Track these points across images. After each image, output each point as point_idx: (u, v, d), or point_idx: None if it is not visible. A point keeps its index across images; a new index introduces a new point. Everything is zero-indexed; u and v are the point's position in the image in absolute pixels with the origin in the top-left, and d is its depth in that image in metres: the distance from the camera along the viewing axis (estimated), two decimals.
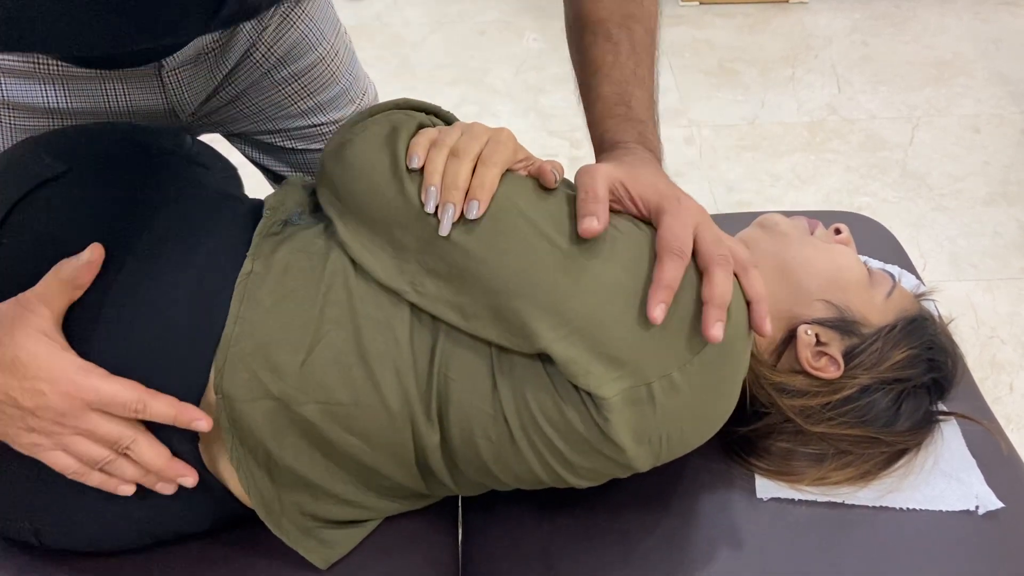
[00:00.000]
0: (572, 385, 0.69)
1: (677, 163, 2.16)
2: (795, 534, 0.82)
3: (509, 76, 2.48)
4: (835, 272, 0.84)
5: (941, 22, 2.65)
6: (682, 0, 2.71)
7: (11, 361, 0.67)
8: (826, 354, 0.81)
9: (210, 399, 0.73)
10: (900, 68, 2.49)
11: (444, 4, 2.77)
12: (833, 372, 0.81)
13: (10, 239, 0.75)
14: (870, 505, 0.83)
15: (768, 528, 0.83)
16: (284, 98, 1.05)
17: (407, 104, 0.80)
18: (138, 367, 0.71)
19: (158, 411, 0.70)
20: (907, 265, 1.10)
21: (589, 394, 0.69)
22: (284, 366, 0.72)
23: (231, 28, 0.94)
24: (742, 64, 2.50)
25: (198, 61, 0.94)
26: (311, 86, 1.05)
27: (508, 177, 0.72)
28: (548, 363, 0.70)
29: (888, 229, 1.17)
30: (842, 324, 0.82)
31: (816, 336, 0.81)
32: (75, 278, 0.71)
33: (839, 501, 0.83)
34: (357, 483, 0.77)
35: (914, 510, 0.83)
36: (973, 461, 0.86)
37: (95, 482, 0.71)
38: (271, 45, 0.99)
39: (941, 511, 0.83)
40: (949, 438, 0.87)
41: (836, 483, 0.84)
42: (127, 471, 0.71)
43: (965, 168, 2.17)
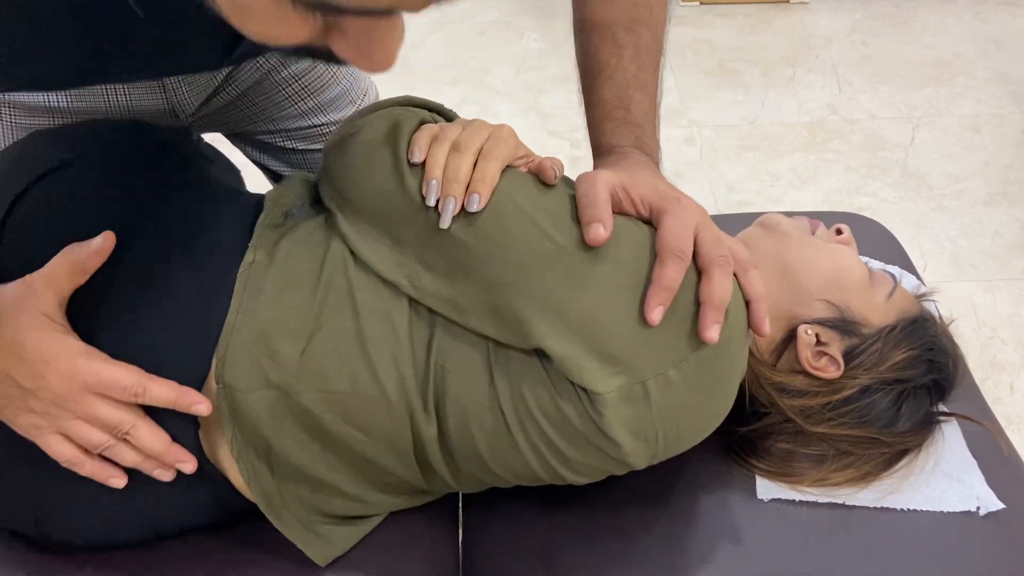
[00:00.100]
0: (568, 380, 0.69)
1: (678, 163, 2.16)
2: (796, 535, 0.82)
3: (509, 76, 2.48)
4: (836, 272, 0.84)
5: (941, 22, 2.65)
6: (683, 0, 2.71)
7: (12, 341, 0.68)
8: (826, 354, 0.81)
9: (211, 389, 0.73)
10: (900, 68, 2.48)
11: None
12: (833, 372, 0.81)
13: (17, 223, 0.75)
14: (871, 506, 0.83)
15: (769, 529, 0.83)
16: (285, 99, 1.05)
17: (409, 101, 0.80)
18: (140, 355, 0.71)
19: (158, 395, 0.70)
20: (908, 266, 1.10)
21: (584, 390, 0.69)
22: (284, 355, 0.72)
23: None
24: (742, 64, 2.50)
25: None
26: (312, 86, 1.05)
27: (508, 173, 0.72)
28: (544, 358, 0.70)
29: (889, 229, 1.17)
30: (842, 324, 0.82)
31: (816, 336, 0.81)
32: (84, 262, 0.71)
33: (840, 502, 0.83)
34: (357, 477, 0.77)
35: (915, 511, 0.83)
36: (974, 462, 0.86)
37: (87, 471, 0.72)
38: None
39: (942, 512, 0.83)
40: (950, 439, 0.87)
41: (837, 484, 0.84)
42: (126, 456, 0.72)
43: (966, 168, 2.16)
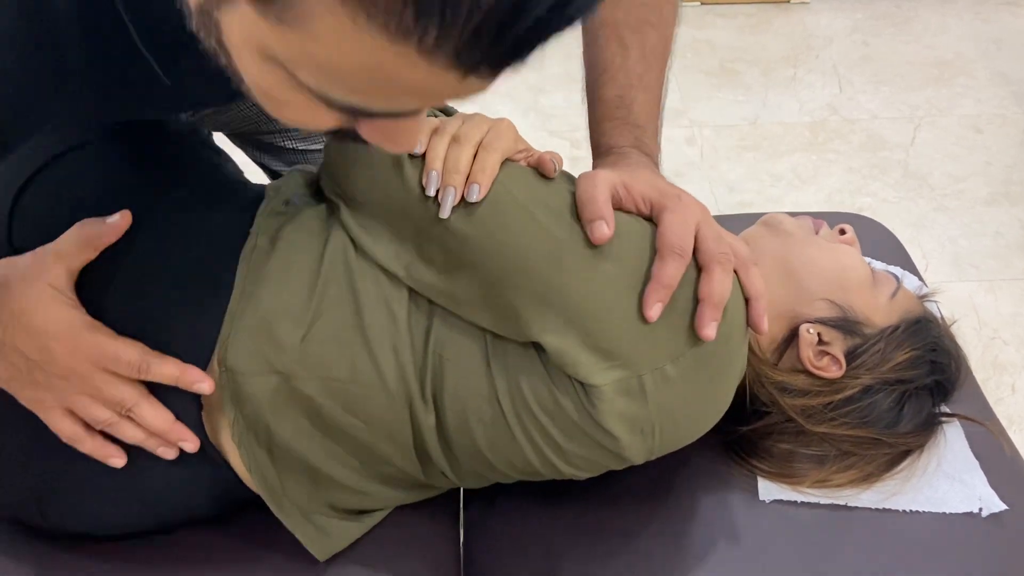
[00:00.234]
0: (565, 373, 0.69)
1: (678, 163, 2.15)
2: (798, 536, 0.82)
3: (509, 76, 2.48)
4: (839, 272, 0.84)
5: (942, 22, 2.65)
6: (683, 0, 2.70)
7: (21, 313, 0.69)
8: (828, 353, 0.81)
9: (214, 372, 0.74)
10: (901, 68, 2.48)
11: None
12: (835, 372, 0.81)
13: (31, 201, 0.76)
14: (873, 507, 0.83)
15: (770, 530, 0.82)
16: None
17: None
18: (145, 337, 0.72)
19: (161, 371, 0.71)
20: (909, 266, 1.10)
21: (581, 383, 0.69)
22: (285, 341, 0.72)
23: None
24: (743, 64, 2.50)
25: None
26: None
27: (508, 166, 0.72)
28: (542, 351, 0.70)
29: (890, 230, 1.17)
30: (845, 324, 0.82)
31: (818, 335, 0.81)
32: (96, 236, 0.72)
33: (842, 503, 0.83)
34: (356, 467, 0.77)
35: (917, 512, 0.83)
36: (976, 463, 0.86)
37: (87, 449, 0.72)
38: None
39: (944, 513, 0.83)
40: (952, 440, 0.87)
41: (838, 485, 0.83)
42: (129, 433, 0.72)
43: (967, 168, 2.16)
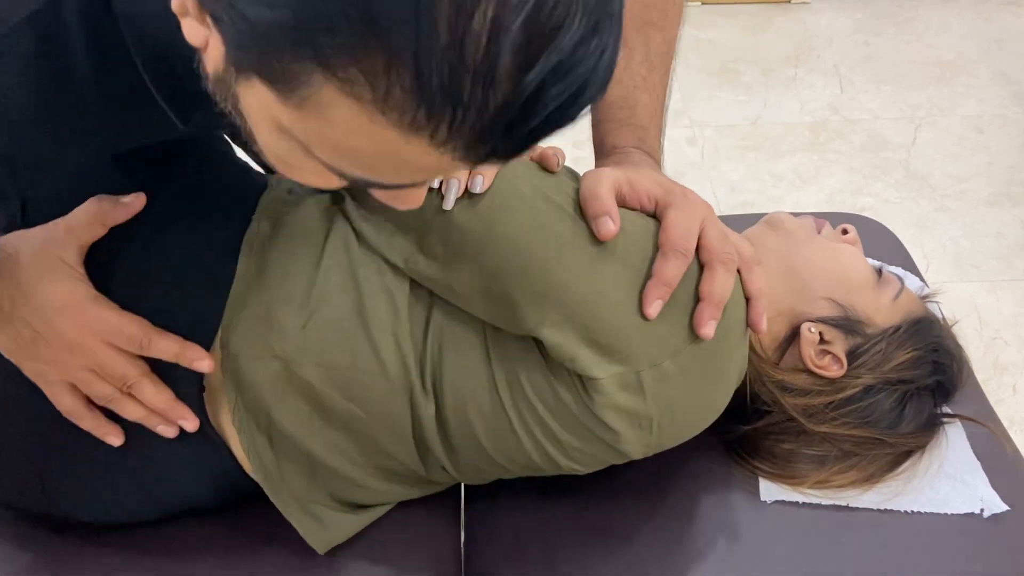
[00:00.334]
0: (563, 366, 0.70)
1: (679, 163, 2.15)
2: (799, 537, 0.82)
3: None
4: (840, 271, 0.84)
5: (944, 22, 2.65)
6: (685, 0, 2.70)
7: (28, 284, 0.70)
8: (829, 352, 0.81)
9: (216, 356, 0.74)
10: (902, 68, 2.48)
11: None
12: (836, 371, 0.81)
13: (46, 177, 0.76)
14: (875, 508, 0.83)
15: (772, 530, 0.82)
16: None
17: None
18: (149, 319, 0.72)
19: (162, 347, 0.72)
20: (910, 266, 1.09)
21: (579, 376, 0.69)
22: (287, 326, 0.73)
23: None
24: (744, 64, 2.50)
25: None
26: None
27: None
28: (541, 342, 0.70)
29: (891, 230, 1.17)
30: (846, 323, 0.81)
31: (820, 334, 0.81)
32: (107, 213, 0.72)
33: (843, 504, 0.83)
34: (356, 457, 0.77)
35: (919, 513, 0.82)
36: (978, 463, 0.86)
37: (87, 425, 0.73)
38: None
39: (946, 514, 0.82)
40: (954, 440, 0.87)
41: (840, 486, 0.83)
42: (129, 409, 0.73)
43: (968, 169, 2.16)
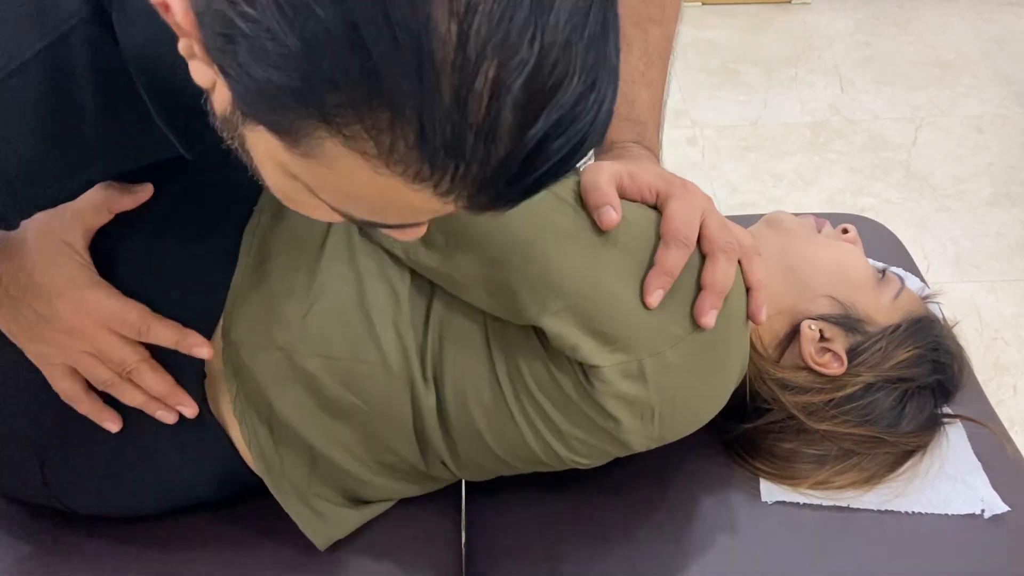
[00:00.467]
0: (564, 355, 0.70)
1: (679, 164, 2.15)
2: (800, 537, 0.82)
3: None
4: (841, 269, 0.84)
5: (944, 22, 2.64)
6: (685, 0, 2.70)
7: (32, 268, 0.71)
8: (830, 350, 0.81)
9: (217, 345, 0.75)
10: (903, 68, 2.48)
11: None
12: (836, 368, 0.81)
13: (49, 194, 0.77)
14: (875, 509, 0.83)
15: (773, 531, 0.82)
16: None
17: None
18: (152, 307, 0.73)
19: (161, 333, 0.73)
20: (911, 267, 1.09)
21: (580, 364, 0.69)
22: (288, 316, 0.73)
23: None
24: (745, 64, 2.49)
25: None
26: None
27: None
28: (541, 331, 0.70)
29: (891, 231, 1.17)
30: (846, 321, 0.82)
31: (820, 332, 0.81)
32: (114, 201, 0.73)
33: (844, 505, 0.83)
34: (356, 450, 0.77)
35: (919, 514, 0.82)
36: (978, 464, 0.86)
37: (84, 409, 0.74)
38: None
39: (946, 515, 0.82)
40: (954, 441, 0.87)
41: (840, 487, 0.83)
42: (128, 395, 0.74)
43: (969, 169, 2.16)
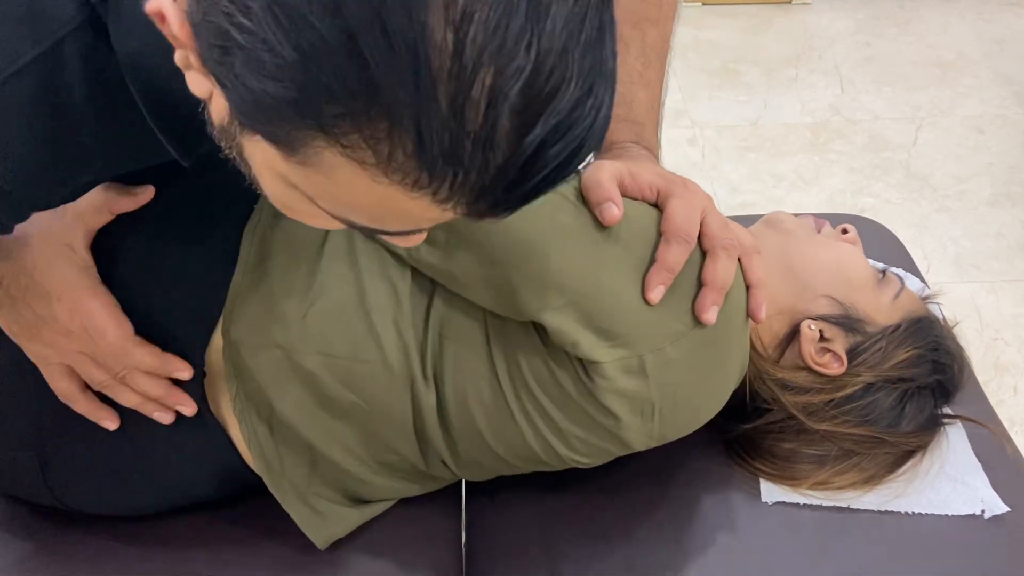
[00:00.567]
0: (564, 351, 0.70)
1: (680, 164, 2.15)
2: (800, 538, 0.82)
3: None
4: (840, 269, 0.84)
5: (945, 22, 2.64)
6: (685, 0, 2.70)
7: (33, 268, 0.71)
8: (829, 350, 0.81)
9: (217, 344, 0.75)
10: (903, 68, 2.48)
11: None
12: (836, 368, 0.81)
13: (46, 196, 0.78)
14: (875, 509, 0.83)
15: (773, 531, 0.82)
16: None
17: None
18: (152, 306, 0.74)
19: (139, 359, 0.73)
20: (911, 267, 1.09)
21: (581, 360, 0.69)
22: (288, 315, 0.73)
23: None
24: (745, 65, 2.49)
25: None
26: None
27: None
28: (542, 328, 0.70)
29: (892, 231, 1.17)
30: (846, 321, 0.82)
31: (820, 332, 0.81)
32: (114, 201, 0.74)
33: (844, 505, 0.83)
34: (356, 449, 0.77)
35: (920, 514, 0.82)
36: (978, 465, 0.86)
37: (81, 409, 0.75)
38: None
39: (946, 515, 0.82)
40: (954, 441, 0.87)
41: (841, 487, 0.83)
42: (124, 396, 0.74)
43: (969, 169, 2.16)
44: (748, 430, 0.84)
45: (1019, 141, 2.24)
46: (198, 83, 0.46)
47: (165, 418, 0.75)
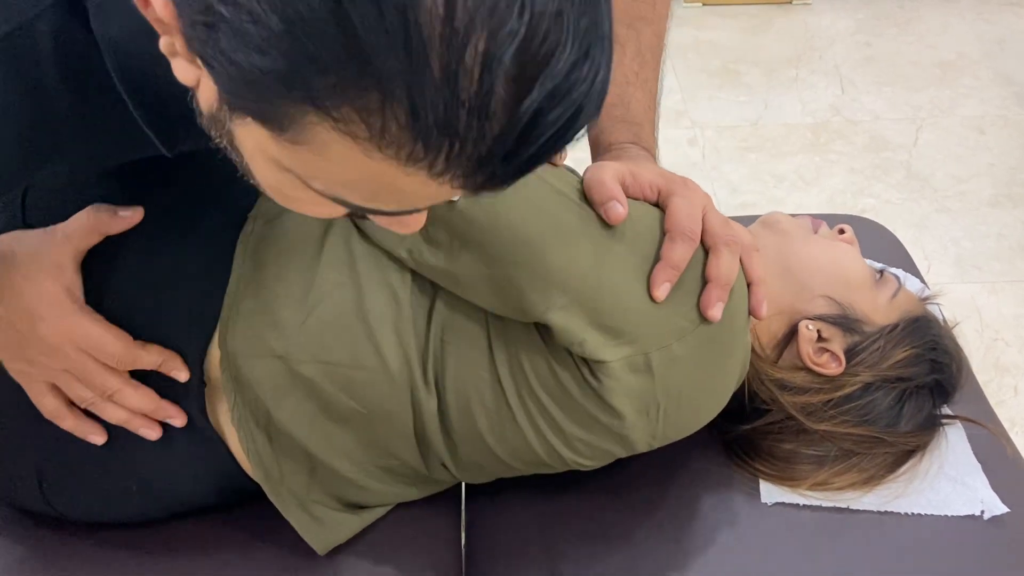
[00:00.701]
0: (567, 350, 0.70)
1: (680, 164, 2.15)
2: (800, 538, 0.82)
3: None
4: (838, 270, 0.84)
5: (945, 22, 2.64)
6: (685, 1, 2.70)
7: (20, 287, 0.70)
8: (828, 350, 0.81)
9: (214, 355, 0.74)
10: (904, 69, 2.48)
11: None
12: (834, 368, 0.81)
13: (43, 178, 0.77)
14: (875, 510, 0.83)
15: (772, 532, 0.82)
16: None
17: None
18: (147, 317, 0.73)
19: (145, 360, 0.72)
20: (911, 267, 1.09)
21: (585, 360, 0.69)
22: (286, 323, 0.73)
23: None
24: (745, 65, 2.49)
25: None
26: None
27: None
28: (544, 329, 0.70)
29: (892, 231, 1.17)
30: (844, 321, 0.82)
31: (818, 332, 0.81)
32: (105, 224, 0.73)
33: (844, 506, 0.83)
34: (356, 455, 0.77)
35: (919, 515, 0.82)
36: (978, 465, 0.86)
37: (68, 426, 0.74)
38: None
39: (946, 516, 0.82)
40: (954, 442, 0.87)
41: (840, 488, 0.83)
42: (110, 413, 0.74)
43: (970, 169, 2.16)
44: (747, 431, 0.84)
45: (1020, 142, 2.24)
46: (184, 70, 0.44)
47: (151, 434, 0.74)
